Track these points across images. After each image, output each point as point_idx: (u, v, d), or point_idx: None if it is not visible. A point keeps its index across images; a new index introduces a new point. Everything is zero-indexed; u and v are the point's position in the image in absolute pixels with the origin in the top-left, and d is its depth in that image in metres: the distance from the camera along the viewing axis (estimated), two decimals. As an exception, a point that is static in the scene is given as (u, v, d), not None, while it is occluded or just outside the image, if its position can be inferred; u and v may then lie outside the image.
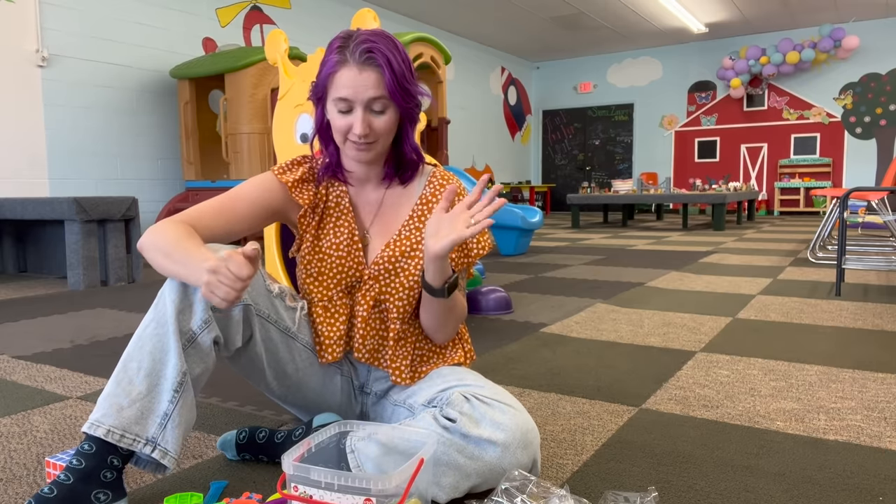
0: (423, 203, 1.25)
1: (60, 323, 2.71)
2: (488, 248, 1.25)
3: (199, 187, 6.12)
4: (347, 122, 1.14)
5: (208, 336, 1.07)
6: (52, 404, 1.64)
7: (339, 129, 1.16)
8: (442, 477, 1.02)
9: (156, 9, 6.35)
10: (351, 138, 1.15)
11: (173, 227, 1.09)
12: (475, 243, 1.24)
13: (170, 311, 1.05)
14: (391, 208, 1.26)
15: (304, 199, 1.24)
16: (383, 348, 1.25)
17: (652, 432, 1.40)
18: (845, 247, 3.96)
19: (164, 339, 1.04)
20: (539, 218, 5.00)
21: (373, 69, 1.11)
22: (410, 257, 1.22)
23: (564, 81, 13.03)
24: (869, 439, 1.35)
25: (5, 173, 5.26)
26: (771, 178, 11.24)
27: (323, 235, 1.25)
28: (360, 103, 1.12)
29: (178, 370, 1.03)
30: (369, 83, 1.11)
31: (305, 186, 1.25)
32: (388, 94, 1.12)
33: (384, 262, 1.22)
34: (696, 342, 2.22)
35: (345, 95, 1.12)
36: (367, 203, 1.27)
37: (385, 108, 1.14)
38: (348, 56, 1.12)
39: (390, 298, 1.22)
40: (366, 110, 1.13)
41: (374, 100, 1.12)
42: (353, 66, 1.11)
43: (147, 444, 1.01)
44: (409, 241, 1.23)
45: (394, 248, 1.23)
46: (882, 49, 10.23)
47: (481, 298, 2.77)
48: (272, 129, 2.58)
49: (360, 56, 1.11)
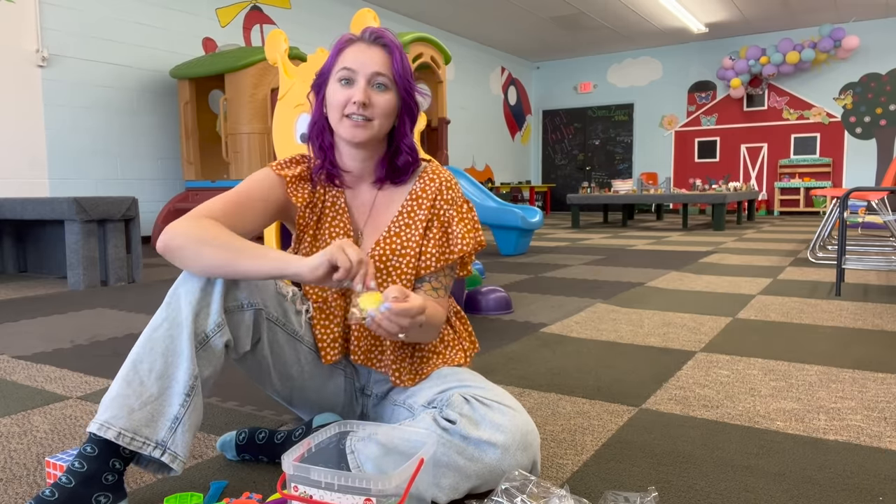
0: (413, 199, 1.23)
1: (60, 323, 2.71)
2: (475, 246, 1.21)
3: (199, 187, 6.12)
4: (347, 94, 1.13)
5: (220, 339, 1.07)
6: (52, 404, 1.64)
7: (339, 102, 1.14)
8: (441, 478, 1.02)
9: (156, 9, 6.35)
10: (348, 111, 1.13)
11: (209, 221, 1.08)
12: (459, 238, 1.20)
13: (185, 313, 1.04)
14: (383, 207, 1.25)
15: (300, 198, 1.22)
16: (379, 350, 1.23)
17: (652, 432, 1.40)
18: (845, 247, 3.96)
19: (178, 341, 1.03)
20: (539, 218, 5.00)
21: (381, 48, 1.14)
22: (402, 255, 1.21)
23: (564, 81, 13.03)
24: (869, 439, 1.35)
25: (5, 173, 5.26)
26: (771, 178, 11.24)
27: (320, 236, 1.24)
28: (363, 75, 1.13)
29: (191, 374, 1.03)
30: (376, 59, 1.13)
31: (302, 185, 1.23)
32: (392, 74, 1.14)
33: (375, 260, 1.20)
34: (696, 342, 2.22)
35: (349, 65, 1.13)
36: (361, 204, 1.25)
37: (387, 87, 1.14)
38: (358, 38, 1.16)
39: None
40: (368, 84, 1.13)
41: (377, 74, 1.13)
42: (363, 43, 1.15)
43: (157, 447, 1.01)
44: (400, 237, 1.22)
45: (384, 245, 1.21)
46: (882, 49, 10.23)
47: (481, 298, 2.77)
48: (272, 129, 2.58)
49: (371, 36, 1.15)
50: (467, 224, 1.22)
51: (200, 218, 1.09)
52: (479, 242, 1.23)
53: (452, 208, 1.23)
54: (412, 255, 1.21)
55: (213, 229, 1.06)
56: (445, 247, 1.21)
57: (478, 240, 1.23)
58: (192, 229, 1.05)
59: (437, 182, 1.23)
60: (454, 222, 1.22)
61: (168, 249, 1.05)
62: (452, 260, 1.21)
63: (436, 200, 1.22)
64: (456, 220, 1.22)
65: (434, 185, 1.23)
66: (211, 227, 1.06)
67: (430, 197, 1.22)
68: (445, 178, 1.24)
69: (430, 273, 1.21)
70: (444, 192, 1.23)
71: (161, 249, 1.06)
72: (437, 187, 1.23)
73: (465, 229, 1.22)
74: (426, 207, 1.22)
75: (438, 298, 1.22)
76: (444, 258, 1.21)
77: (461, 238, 1.21)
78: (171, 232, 1.06)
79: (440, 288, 1.22)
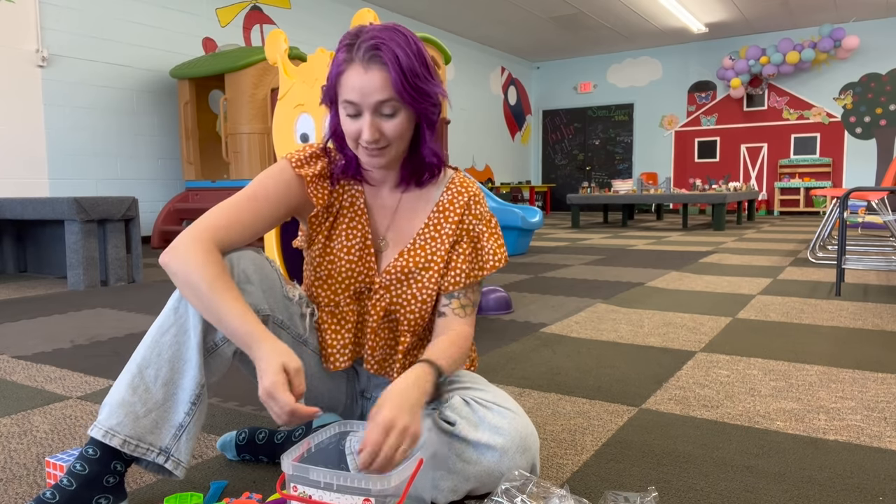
0: (440, 210, 1.19)
1: (60, 323, 2.71)
2: (504, 262, 1.19)
3: (199, 187, 6.12)
4: (357, 127, 1.06)
5: (230, 348, 1.06)
6: (52, 404, 1.64)
7: (350, 134, 1.08)
8: (441, 480, 1.02)
9: (156, 9, 6.35)
10: (361, 143, 1.07)
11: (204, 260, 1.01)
12: (491, 255, 1.18)
13: (194, 321, 1.02)
14: (407, 213, 1.19)
15: (320, 199, 1.16)
16: (392, 359, 1.22)
17: (652, 432, 1.40)
18: (845, 247, 3.96)
19: (185, 349, 1.02)
20: (539, 218, 5.00)
21: (379, 68, 1.01)
22: (425, 269, 1.17)
23: (564, 81, 13.03)
24: (869, 439, 1.35)
25: (5, 173, 5.26)
26: (771, 178, 11.24)
27: (335, 237, 1.19)
28: (367, 108, 1.04)
29: (197, 382, 1.02)
30: (376, 84, 1.02)
31: (322, 184, 1.16)
32: (396, 95, 1.02)
33: (397, 271, 1.17)
34: (696, 342, 2.22)
35: (351, 99, 1.04)
36: (383, 207, 1.20)
37: (395, 110, 1.05)
38: (354, 54, 1.03)
39: (401, 310, 1.18)
40: (374, 114, 1.04)
41: (381, 103, 1.03)
42: (359, 65, 1.02)
43: (160, 453, 1.01)
44: (425, 251, 1.18)
45: (408, 258, 1.17)
46: (882, 49, 10.23)
47: (481, 298, 2.77)
48: (272, 129, 2.58)
49: (366, 54, 1.02)
50: (497, 239, 1.20)
51: (201, 245, 1.03)
52: (507, 258, 1.21)
53: (482, 223, 1.19)
54: (436, 269, 1.17)
55: (204, 272, 1.00)
56: (476, 262, 1.18)
57: (505, 255, 1.21)
58: (186, 265, 1.01)
59: (465, 196, 1.19)
60: (484, 237, 1.19)
61: (166, 270, 1.03)
62: (483, 276, 1.19)
63: (464, 216, 1.18)
64: (486, 235, 1.19)
65: (462, 200, 1.19)
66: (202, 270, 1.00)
67: (458, 212, 1.18)
68: (474, 192, 1.20)
69: (459, 289, 1.18)
70: (473, 207, 1.19)
71: (161, 266, 1.04)
72: (465, 202, 1.19)
73: (496, 245, 1.19)
74: (453, 222, 1.18)
75: (466, 316, 1.19)
76: (473, 275, 1.17)
77: (493, 254, 1.18)
78: (171, 255, 1.02)
79: (468, 305, 1.19)
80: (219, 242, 1.06)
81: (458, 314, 1.18)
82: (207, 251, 1.02)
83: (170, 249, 1.03)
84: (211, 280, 0.99)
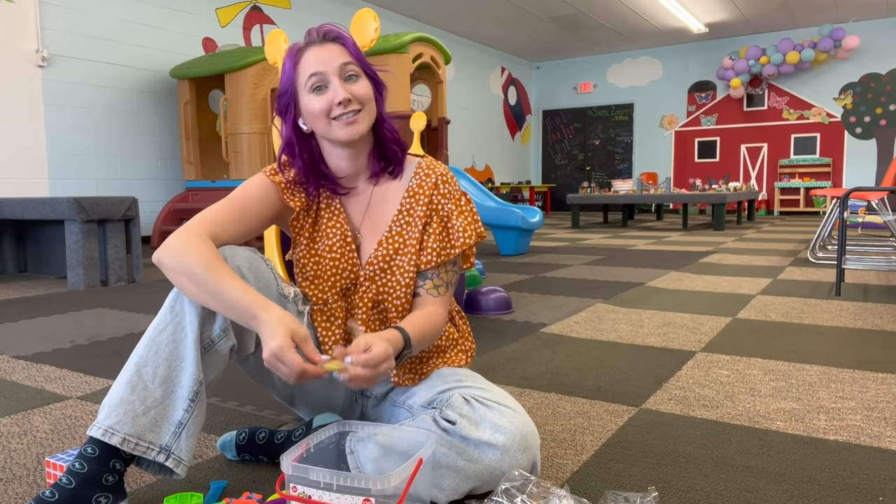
0: (411, 195, 1.21)
1: (60, 323, 2.71)
2: (476, 238, 1.21)
3: (199, 187, 6.12)
4: (327, 99, 1.11)
5: (226, 344, 1.07)
6: (52, 404, 1.64)
7: (321, 110, 1.11)
8: (441, 479, 1.02)
9: (156, 9, 6.35)
10: (335, 113, 1.11)
11: (198, 248, 1.03)
12: (461, 232, 1.19)
13: (190, 318, 1.03)
14: (380, 204, 1.22)
15: (297, 202, 1.20)
16: None
17: (652, 432, 1.40)
18: (845, 247, 3.96)
19: (182, 346, 1.03)
20: (539, 218, 5.00)
21: (333, 43, 1.13)
22: (404, 254, 1.19)
23: (564, 81, 13.03)
24: (869, 439, 1.35)
25: (5, 173, 5.26)
26: (771, 178, 11.24)
27: (318, 238, 1.22)
28: (333, 72, 1.11)
29: (195, 379, 1.02)
30: (335, 53, 1.12)
31: (297, 189, 1.21)
32: (355, 60, 1.13)
33: (378, 261, 1.19)
34: (696, 342, 2.22)
35: (316, 70, 1.11)
36: (357, 203, 1.23)
37: (357, 75, 1.14)
38: (307, 40, 1.15)
39: (388, 298, 1.20)
40: (341, 78, 1.12)
41: (345, 65, 1.12)
42: (315, 45, 1.13)
43: (161, 452, 1.01)
44: (402, 236, 1.20)
45: (386, 245, 1.20)
46: (882, 49, 10.23)
47: (481, 298, 2.77)
48: (272, 129, 2.58)
49: (319, 35, 1.14)
50: (467, 217, 1.21)
51: (194, 236, 1.05)
52: (480, 234, 1.22)
53: (451, 202, 1.21)
54: (412, 251, 1.19)
55: (199, 258, 1.02)
56: (446, 241, 1.20)
57: (478, 231, 1.21)
58: (181, 256, 1.02)
59: (432, 177, 1.22)
60: (454, 216, 1.20)
61: (161, 266, 1.05)
62: (455, 255, 1.20)
63: (433, 196, 1.21)
64: (455, 213, 1.21)
65: (430, 181, 1.22)
66: (197, 256, 1.02)
67: (427, 193, 1.21)
68: (441, 172, 1.23)
69: (432, 269, 1.20)
70: (441, 187, 1.21)
71: (155, 263, 1.06)
72: (433, 182, 1.21)
73: (466, 222, 1.20)
74: (423, 203, 1.21)
75: (440, 296, 1.21)
76: (445, 253, 1.19)
77: (462, 231, 1.20)
78: (164, 250, 1.04)
79: (441, 285, 1.21)
80: (211, 235, 1.09)
81: (431, 293, 1.20)
82: (202, 241, 1.06)
83: (162, 247, 1.05)
84: (207, 261, 1.02)
